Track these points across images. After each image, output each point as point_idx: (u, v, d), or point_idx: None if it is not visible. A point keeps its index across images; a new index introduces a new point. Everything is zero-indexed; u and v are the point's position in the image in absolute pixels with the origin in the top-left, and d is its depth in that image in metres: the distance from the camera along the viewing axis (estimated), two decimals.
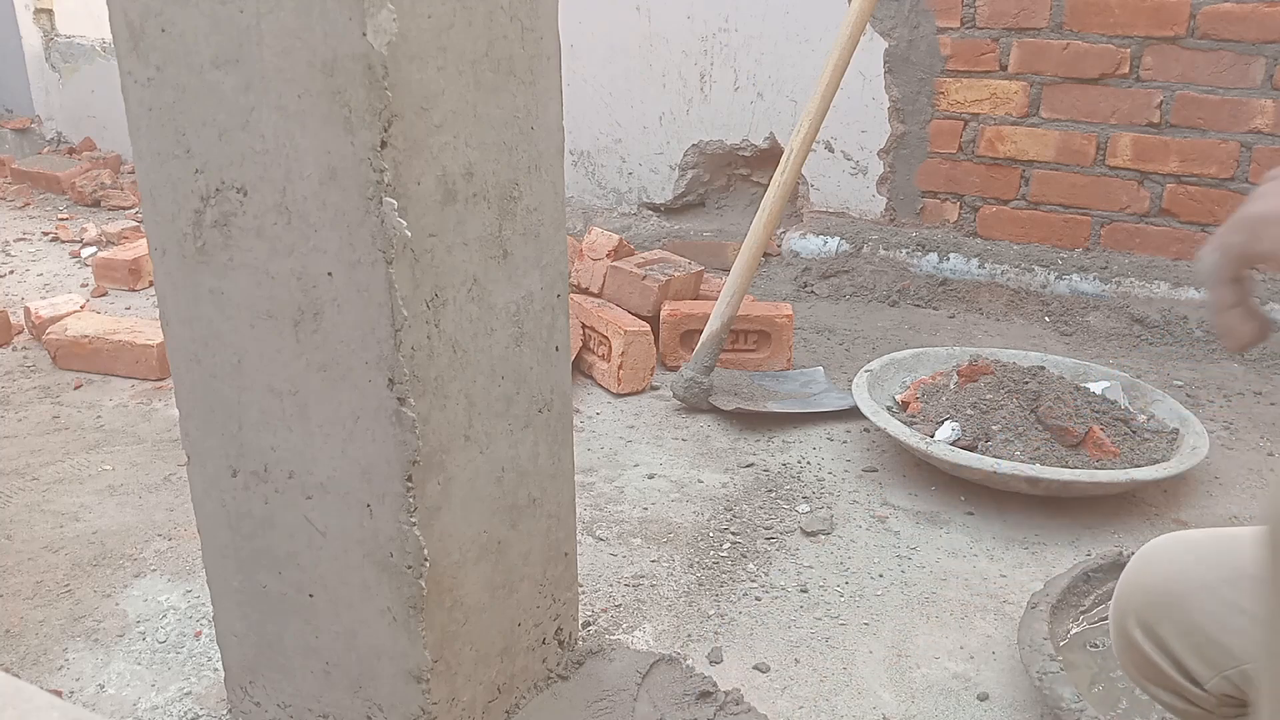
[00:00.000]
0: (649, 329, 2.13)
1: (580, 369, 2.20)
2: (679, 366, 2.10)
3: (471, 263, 0.96)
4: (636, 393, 2.12)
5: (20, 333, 2.42)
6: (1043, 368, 1.85)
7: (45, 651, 1.32)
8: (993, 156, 2.62)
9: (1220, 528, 0.97)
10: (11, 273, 2.92)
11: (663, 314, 2.23)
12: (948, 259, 2.66)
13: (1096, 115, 2.48)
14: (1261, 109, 2.31)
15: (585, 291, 2.42)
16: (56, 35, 4.26)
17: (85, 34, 4.19)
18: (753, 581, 1.48)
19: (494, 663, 1.12)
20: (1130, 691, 1.20)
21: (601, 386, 2.15)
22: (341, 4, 0.81)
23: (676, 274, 2.34)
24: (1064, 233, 2.60)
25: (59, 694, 1.25)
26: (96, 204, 3.63)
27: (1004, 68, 2.55)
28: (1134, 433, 1.76)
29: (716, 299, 2.09)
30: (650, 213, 3.20)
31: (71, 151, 4.19)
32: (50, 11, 4.26)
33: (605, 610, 1.41)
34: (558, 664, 1.23)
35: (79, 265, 3.00)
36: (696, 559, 1.53)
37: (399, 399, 0.91)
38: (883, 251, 2.75)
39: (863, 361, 2.16)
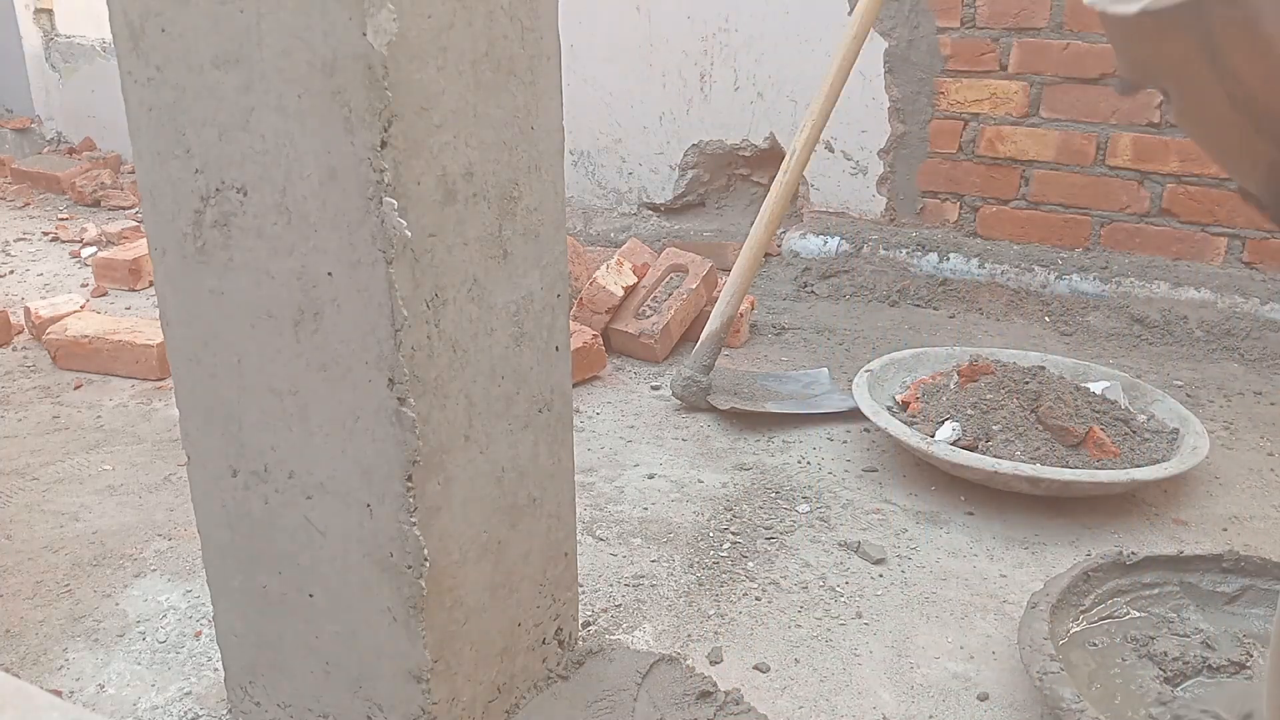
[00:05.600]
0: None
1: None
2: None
3: (471, 263, 0.97)
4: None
5: (20, 333, 2.42)
6: (1043, 368, 1.85)
7: (45, 651, 1.32)
8: (993, 156, 2.62)
9: None
10: (11, 273, 2.92)
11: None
12: (948, 259, 2.66)
13: (1096, 115, 2.48)
14: None
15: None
16: (56, 35, 4.26)
17: (85, 34, 4.19)
18: (752, 581, 1.48)
19: (494, 663, 1.12)
20: (1127, 688, 1.20)
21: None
22: (341, 4, 0.81)
23: (679, 303, 2.30)
24: (1064, 233, 2.60)
25: (59, 694, 1.25)
26: (96, 204, 3.63)
27: (1004, 68, 2.55)
28: (1134, 433, 1.76)
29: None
30: (650, 213, 3.20)
31: (71, 151, 4.19)
32: (50, 11, 4.26)
33: (605, 610, 1.41)
34: (558, 664, 1.23)
35: (79, 265, 3.00)
36: (696, 559, 1.53)
37: (399, 399, 0.91)
38: (883, 251, 2.75)
39: (863, 362, 2.16)
